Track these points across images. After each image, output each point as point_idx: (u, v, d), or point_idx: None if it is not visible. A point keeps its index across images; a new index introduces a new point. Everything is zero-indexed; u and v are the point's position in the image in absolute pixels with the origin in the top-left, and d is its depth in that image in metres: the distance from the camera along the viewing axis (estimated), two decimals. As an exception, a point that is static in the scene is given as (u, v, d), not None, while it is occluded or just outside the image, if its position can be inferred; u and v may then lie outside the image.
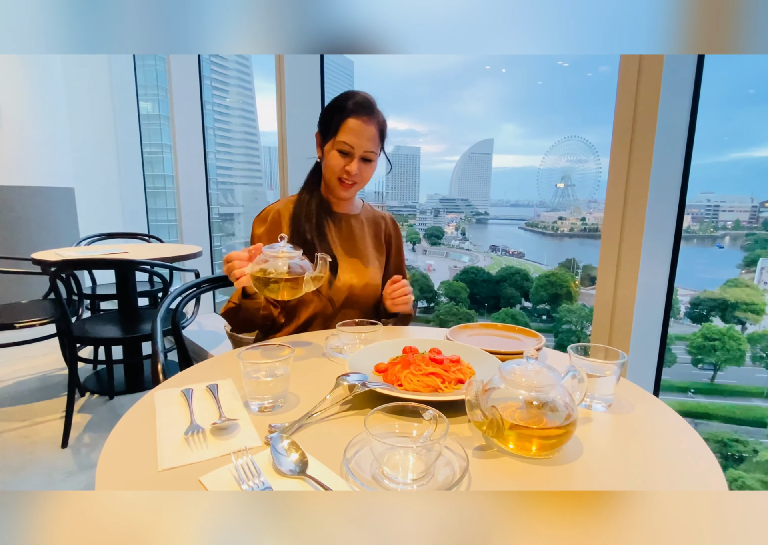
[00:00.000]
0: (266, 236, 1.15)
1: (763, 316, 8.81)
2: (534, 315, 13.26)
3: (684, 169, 1.25)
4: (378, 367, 0.78)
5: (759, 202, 11.71)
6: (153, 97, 8.54)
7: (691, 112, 1.22)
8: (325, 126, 1.12)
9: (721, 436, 5.93)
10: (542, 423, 0.56)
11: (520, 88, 49.48)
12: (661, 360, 1.31)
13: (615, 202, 1.23)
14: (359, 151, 1.08)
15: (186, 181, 3.41)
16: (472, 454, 0.56)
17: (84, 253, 2.34)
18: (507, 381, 0.58)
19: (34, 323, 2.06)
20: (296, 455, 0.52)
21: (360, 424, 0.60)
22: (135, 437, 0.60)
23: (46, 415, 2.14)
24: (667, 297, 1.30)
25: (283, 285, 0.84)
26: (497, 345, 0.90)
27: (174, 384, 0.76)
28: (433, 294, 13.69)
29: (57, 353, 2.75)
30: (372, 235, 1.27)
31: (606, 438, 0.62)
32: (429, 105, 66.10)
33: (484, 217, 19.73)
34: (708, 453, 0.56)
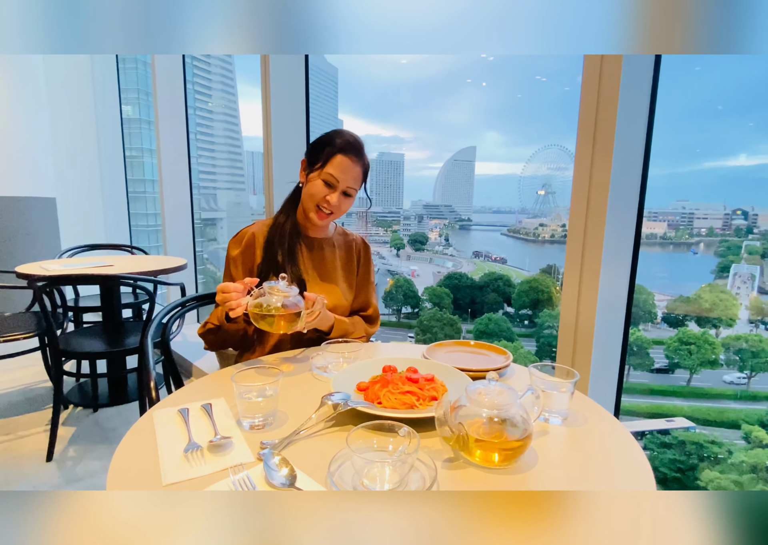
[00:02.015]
0: (241, 258, 1.19)
1: (737, 321, 9.15)
2: (516, 321, 13.46)
3: (642, 179, 1.35)
4: (360, 386, 0.85)
5: (731, 209, 12.16)
6: (134, 100, 8.40)
7: (648, 121, 1.32)
8: (314, 156, 1.18)
9: (697, 438, 6.14)
10: (503, 437, 0.64)
11: (502, 97, 50.60)
12: (621, 369, 1.42)
13: (578, 213, 1.33)
14: (343, 186, 1.15)
15: (170, 187, 3.39)
16: (441, 466, 0.64)
17: (68, 266, 2.35)
18: (472, 400, 0.66)
19: (17, 337, 2.07)
20: (286, 470, 0.59)
21: (343, 440, 0.67)
22: (139, 454, 0.66)
23: (30, 429, 2.15)
24: (627, 305, 1.40)
25: (279, 321, 0.92)
26: (469, 363, 0.98)
27: (170, 404, 0.82)
28: (417, 299, 13.80)
29: (38, 365, 2.74)
30: (343, 258, 1.32)
31: (559, 449, 0.71)
32: (413, 112, 66.86)
33: (467, 223, 19.98)
34: (644, 462, 0.65)
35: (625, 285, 1.39)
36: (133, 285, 2.02)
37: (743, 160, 11.06)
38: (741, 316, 9.24)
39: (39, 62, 3.69)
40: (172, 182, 3.40)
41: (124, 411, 2.35)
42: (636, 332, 9.13)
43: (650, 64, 1.29)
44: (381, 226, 18.70)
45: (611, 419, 0.78)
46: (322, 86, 22.71)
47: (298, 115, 2.42)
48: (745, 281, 10.29)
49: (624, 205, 1.33)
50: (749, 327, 9.23)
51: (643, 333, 9.51)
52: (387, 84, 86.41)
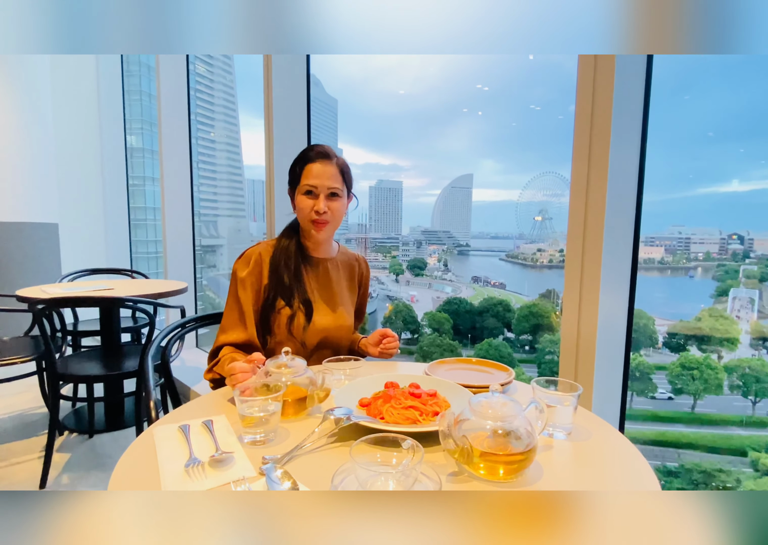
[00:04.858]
0: (249, 279, 1.17)
1: (738, 345, 9.07)
2: (517, 346, 13.33)
3: (637, 204, 1.38)
4: (362, 402, 0.85)
5: (726, 234, 12.26)
6: (138, 130, 8.64)
7: (641, 146, 1.36)
8: (292, 178, 1.22)
9: (704, 467, 5.98)
10: (508, 449, 0.64)
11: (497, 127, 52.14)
12: (624, 388, 1.41)
13: (575, 238, 1.35)
14: (323, 190, 1.16)
15: (172, 214, 3.45)
16: (445, 480, 0.63)
17: (69, 289, 2.36)
18: (475, 412, 0.66)
19: (15, 361, 2.06)
20: (289, 483, 0.59)
21: (346, 455, 0.66)
22: (139, 469, 0.65)
23: (24, 456, 2.10)
24: (628, 323, 1.40)
25: (288, 405, 0.83)
26: (471, 379, 0.98)
27: (170, 421, 0.81)
28: (416, 325, 13.70)
29: (33, 391, 2.71)
30: (346, 278, 1.34)
31: (565, 463, 0.70)
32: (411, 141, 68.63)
33: (465, 249, 20.08)
34: (651, 475, 0.64)
35: (624, 309, 1.39)
36: (134, 307, 2.03)
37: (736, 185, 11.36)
38: (742, 341, 9.17)
39: (47, 91, 3.80)
40: (174, 210, 3.47)
41: (120, 437, 2.30)
42: (637, 357, 9.04)
43: (641, 89, 1.34)
44: (380, 252, 18.78)
45: (616, 434, 0.78)
46: (323, 116, 23.33)
47: (299, 143, 2.49)
48: (744, 305, 10.27)
49: (620, 229, 1.35)
50: (751, 352, 9.14)
51: (644, 358, 9.41)
52: (385, 115, 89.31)
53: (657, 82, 1.38)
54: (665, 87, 3.77)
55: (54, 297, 1.90)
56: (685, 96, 15.02)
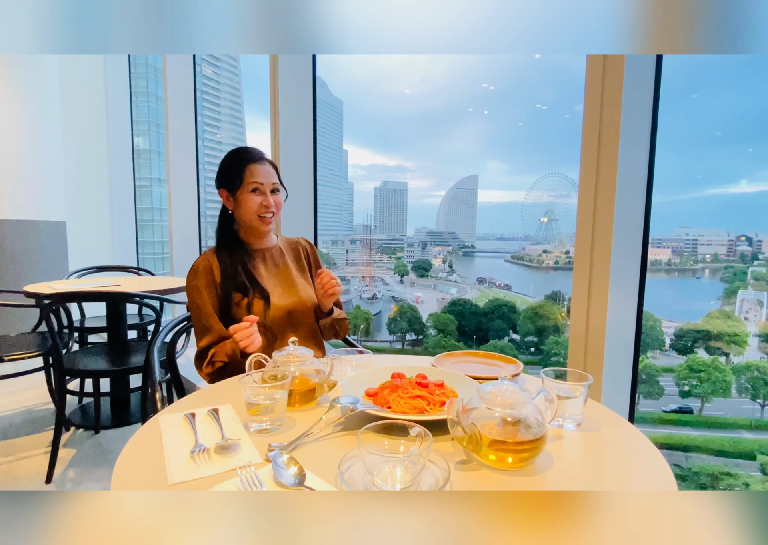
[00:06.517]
0: (203, 282, 1.21)
1: (746, 347, 8.97)
2: (522, 348, 13.27)
3: (646, 205, 1.36)
4: (368, 392, 0.84)
5: (735, 235, 12.15)
6: (145, 132, 8.67)
7: (650, 147, 1.34)
8: (228, 180, 1.26)
9: (712, 470, 5.91)
10: (517, 438, 0.62)
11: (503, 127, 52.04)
12: (634, 384, 1.39)
13: (583, 240, 1.33)
14: (268, 186, 1.26)
15: (178, 215, 3.48)
16: (454, 468, 0.62)
17: (76, 286, 2.37)
18: (485, 400, 0.65)
19: (23, 356, 2.07)
20: (295, 468, 0.58)
21: (352, 443, 0.66)
22: (144, 455, 0.65)
23: (30, 451, 2.11)
24: (636, 324, 1.39)
25: (297, 396, 0.83)
26: (479, 371, 0.96)
27: (176, 410, 0.81)
28: (421, 326, 13.69)
29: (40, 387, 2.72)
30: (293, 259, 1.39)
31: (575, 452, 0.69)
32: (417, 142, 68.60)
33: (470, 250, 20.05)
34: (665, 467, 0.62)
35: (633, 310, 1.38)
36: (140, 302, 2.03)
37: (744, 186, 11.21)
38: (750, 343, 9.07)
39: (55, 92, 3.84)
40: (181, 211, 3.50)
41: (127, 433, 2.30)
42: (645, 359, 8.96)
43: (650, 90, 1.33)
44: (385, 253, 18.80)
45: (627, 424, 0.76)
46: (328, 118, 23.41)
47: (305, 145, 2.49)
48: (752, 307, 10.16)
49: (629, 230, 1.34)
50: (760, 355, 9.03)
51: (651, 360, 9.33)
52: (391, 116, 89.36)
53: (665, 82, 1.37)
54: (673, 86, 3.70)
55: (60, 292, 1.91)
56: (693, 95, 14.87)
